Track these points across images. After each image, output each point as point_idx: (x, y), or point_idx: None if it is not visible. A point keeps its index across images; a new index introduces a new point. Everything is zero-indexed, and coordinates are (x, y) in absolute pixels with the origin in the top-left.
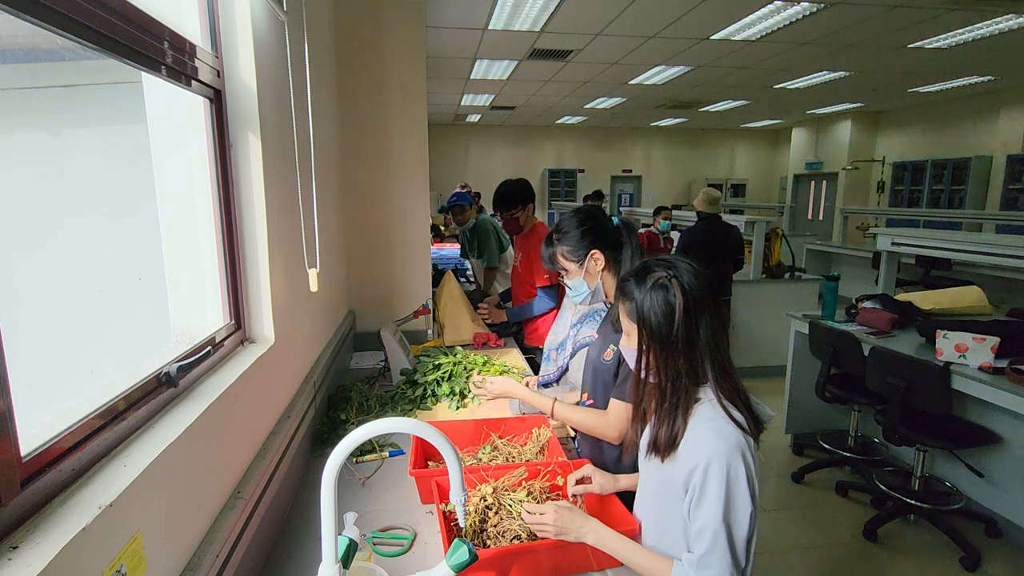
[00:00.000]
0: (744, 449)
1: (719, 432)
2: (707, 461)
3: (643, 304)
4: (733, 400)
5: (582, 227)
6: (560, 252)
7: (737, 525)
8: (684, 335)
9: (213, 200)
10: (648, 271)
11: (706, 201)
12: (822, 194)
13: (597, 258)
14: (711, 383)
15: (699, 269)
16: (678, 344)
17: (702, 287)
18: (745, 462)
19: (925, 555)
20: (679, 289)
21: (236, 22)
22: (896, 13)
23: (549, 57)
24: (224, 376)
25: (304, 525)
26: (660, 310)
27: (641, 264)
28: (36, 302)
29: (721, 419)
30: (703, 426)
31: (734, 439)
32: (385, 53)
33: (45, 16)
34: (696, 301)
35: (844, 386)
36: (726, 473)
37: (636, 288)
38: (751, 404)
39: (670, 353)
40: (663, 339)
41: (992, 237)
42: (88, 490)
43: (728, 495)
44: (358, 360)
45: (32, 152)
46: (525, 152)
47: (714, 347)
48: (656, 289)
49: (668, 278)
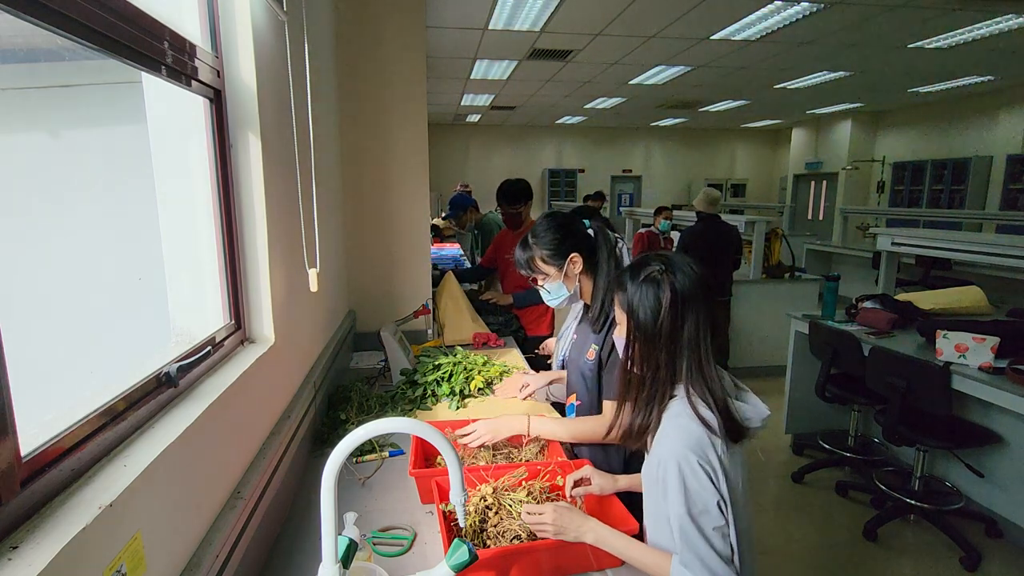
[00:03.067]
0: (705, 446)
1: (680, 428)
2: (666, 456)
3: (633, 296)
4: (705, 399)
5: (560, 232)
6: (539, 256)
7: (706, 516)
8: (667, 331)
9: (213, 200)
10: (644, 264)
11: (706, 201)
12: (822, 194)
13: (576, 261)
14: (684, 381)
15: (696, 269)
16: (660, 339)
17: (694, 286)
18: (703, 457)
19: (925, 555)
20: (669, 286)
21: (236, 22)
22: (896, 13)
23: (549, 57)
24: (224, 376)
25: (304, 525)
26: (648, 304)
27: (640, 257)
28: (36, 302)
29: (686, 416)
30: (669, 422)
31: (694, 437)
32: (385, 53)
33: (45, 16)
34: (685, 300)
35: (844, 386)
36: (678, 468)
37: (630, 280)
38: (728, 406)
39: (652, 347)
40: (647, 332)
41: (992, 237)
42: (88, 490)
43: (686, 488)
44: (358, 360)
45: (32, 152)
46: (525, 152)
47: (694, 347)
48: (647, 283)
49: (660, 273)
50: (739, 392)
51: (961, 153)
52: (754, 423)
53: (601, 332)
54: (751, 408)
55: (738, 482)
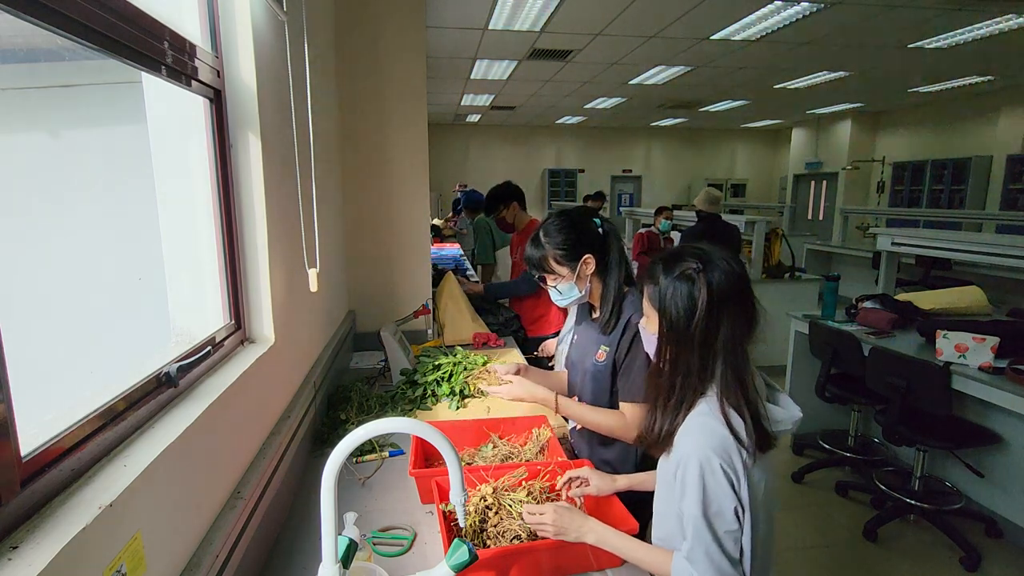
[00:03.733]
0: (730, 449)
1: (704, 428)
2: (687, 454)
3: (666, 292)
4: (739, 410)
5: (573, 232)
6: (552, 257)
7: (720, 519)
8: (702, 333)
9: (213, 200)
10: (679, 258)
11: (707, 200)
12: (822, 194)
13: (589, 262)
14: (718, 386)
15: (736, 265)
16: (694, 342)
17: (732, 285)
18: (726, 460)
19: (925, 555)
20: (705, 284)
21: (236, 22)
22: (896, 13)
23: (549, 57)
24: (224, 376)
25: (304, 525)
26: (682, 303)
27: (676, 249)
28: (36, 302)
29: (712, 417)
30: (693, 420)
31: (718, 438)
32: (385, 53)
33: (45, 16)
34: (721, 300)
35: (844, 386)
36: (699, 468)
37: (663, 274)
38: (759, 418)
39: (685, 349)
40: (680, 333)
41: (992, 237)
42: (88, 490)
43: (704, 489)
44: (358, 360)
45: (32, 152)
46: (525, 152)
47: (730, 351)
48: (682, 280)
49: (696, 271)
50: (771, 392)
51: (961, 153)
52: (784, 426)
53: (611, 334)
54: (782, 411)
55: (760, 489)
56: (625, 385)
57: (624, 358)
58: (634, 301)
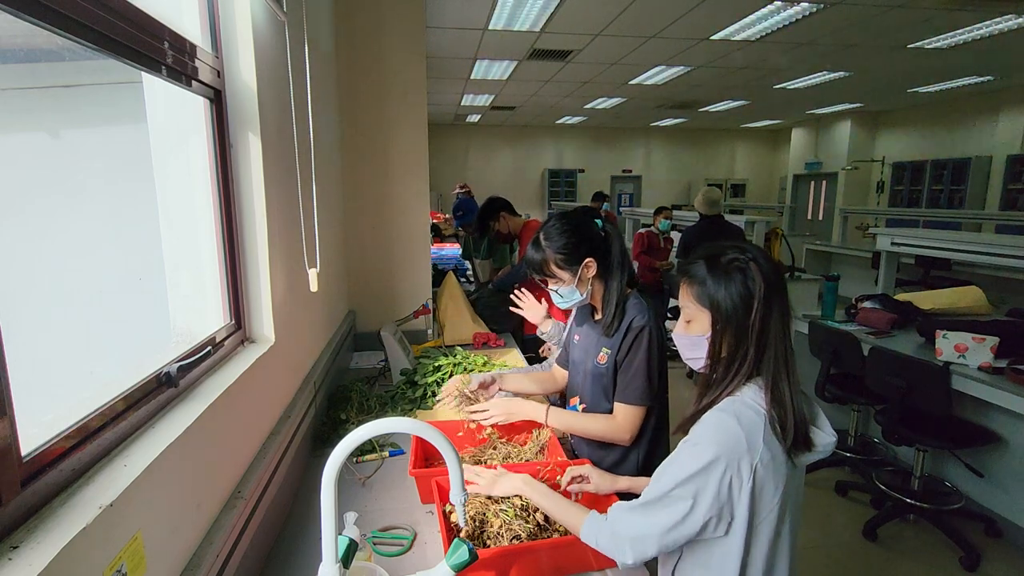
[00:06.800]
0: (740, 453)
1: (720, 424)
2: (699, 440)
3: (717, 289)
4: (783, 401)
5: (574, 235)
6: (553, 260)
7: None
8: (761, 322)
9: (213, 200)
10: (721, 254)
11: (706, 203)
12: (822, 194)
13: (590, 265)
14: (766, 377)
15: (769, 255)
16: (753, 331)
17: (777, 274)
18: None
19: (925, 555)
20: (758, 273)
21: (236, 22)
22: (896, 13)
23: (549, 57)
24: (224, 376)
25: (304, 525)
26: (737, 293)
27: (711, 248)
28: (36, 302)
29: (730, 414)
30: (712, 414)
31: (732, 438)
32: (385, 53)
33: (45, 16)
34: (771, 287)
35: (844, 386)
36: (702, 459)
37: (708, 272)
38: (804, 415)
39: (742, 340)
40: (739, 325)
41: (992, 237)
42: (88, 490)
43: (691, 477)
44: (358, 360)
45: (32, 152)
46: (525, 152)
47: (781, 338)
48: (734, 272)
49: (745, 261)
50: (810, 407)
51: (961, 153)
52: (816, 450)
53: (614, 336)
54: (822, 434)
55: (775, 499)
56: (621, 385)
57: (624, 359)
58: (636, 303)
